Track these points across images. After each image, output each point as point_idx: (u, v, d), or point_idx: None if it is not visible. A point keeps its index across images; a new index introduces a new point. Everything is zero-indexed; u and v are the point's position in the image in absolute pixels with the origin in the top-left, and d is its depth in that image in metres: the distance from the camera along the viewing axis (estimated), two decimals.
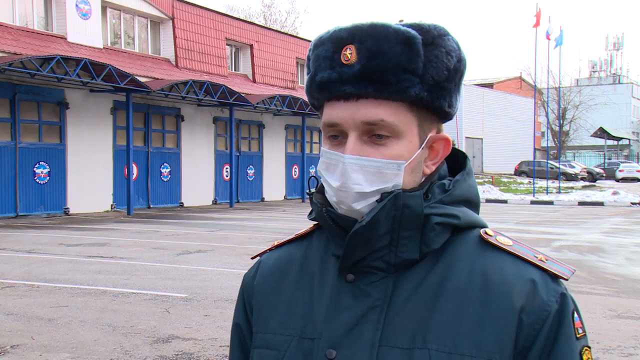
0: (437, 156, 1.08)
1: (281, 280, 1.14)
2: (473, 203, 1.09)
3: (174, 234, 14.20)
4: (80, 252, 11.18)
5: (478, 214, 1.10)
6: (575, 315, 1.03)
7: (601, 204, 27.77)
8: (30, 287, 8.08)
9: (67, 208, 18.66)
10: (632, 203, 27.37)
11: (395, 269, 1.04)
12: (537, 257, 1.04)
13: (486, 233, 1.06)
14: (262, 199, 27.02)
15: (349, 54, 1.00)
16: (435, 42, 1.01)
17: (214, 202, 24.36)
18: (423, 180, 1.07)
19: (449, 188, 1.06)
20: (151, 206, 21.62)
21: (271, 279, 1.15)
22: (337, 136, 1.04)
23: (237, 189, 25.34)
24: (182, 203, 22.88)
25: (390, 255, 1.03)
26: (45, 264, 9.79)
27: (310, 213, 1.13)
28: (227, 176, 24.63)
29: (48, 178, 18.16)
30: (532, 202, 28.70)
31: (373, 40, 0.99)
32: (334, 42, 1.02)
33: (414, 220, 1.01)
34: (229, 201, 23.81)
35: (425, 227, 1.02)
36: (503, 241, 1.05)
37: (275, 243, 1.22)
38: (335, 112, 1.02)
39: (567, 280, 1.04)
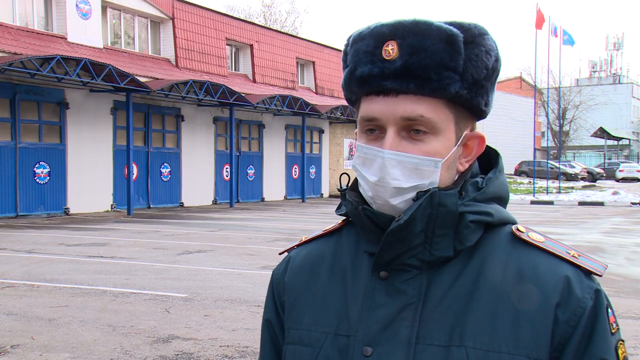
0: (471, 154, 1.10)
1: (313, 276, 1.14)
2: (503, 200, 1.10)
3: (174, 234, 14.20)
4: (80, 252, 11.18)
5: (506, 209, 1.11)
6: (609, 310, 1.03)
7: (601, 204, 27.78)
8: (30, 287, 8.08)
9: (67, 208, 18.66)
10: (632, 203, 27.39)
11: (429, 267, 1.04)
12: (569, 253, 1.04)
13: (518, 229, 1.07)
14: (262, 199, 27.02)
15: (391, 49, 1.00)
16: (475, 41, 1.02)
17: (214, 202, 24.36)
18: (457, 177, 1.08)
19: (482, 186, 1.07)
20: (151, 206, 21.62)
21: (302, 275, 1.15)
22: (374, 130, 1.04)
23: (237, 189, 25.34)
24: (182, 203, 22.88)
25: (425, 253, 1.03)
26: (46, 264, 9.79)
27: (339, 208, 1.14)
28: (227, 176, 24.63)
29: (48, 178, 18.16)
30: (532, 202, 28.72)
31: (415, 36, 0.99)
32: (375, 38, 1.02)
33: (449, 218, 1.02)
34: (229, 201, 23.81)
35: (460, 224, 1.03)
36: (535, 237, 1.06)
37: (303, 239, 1.22)
38: (375, 106, 1.03)
39: (600, 276, 1.04)
